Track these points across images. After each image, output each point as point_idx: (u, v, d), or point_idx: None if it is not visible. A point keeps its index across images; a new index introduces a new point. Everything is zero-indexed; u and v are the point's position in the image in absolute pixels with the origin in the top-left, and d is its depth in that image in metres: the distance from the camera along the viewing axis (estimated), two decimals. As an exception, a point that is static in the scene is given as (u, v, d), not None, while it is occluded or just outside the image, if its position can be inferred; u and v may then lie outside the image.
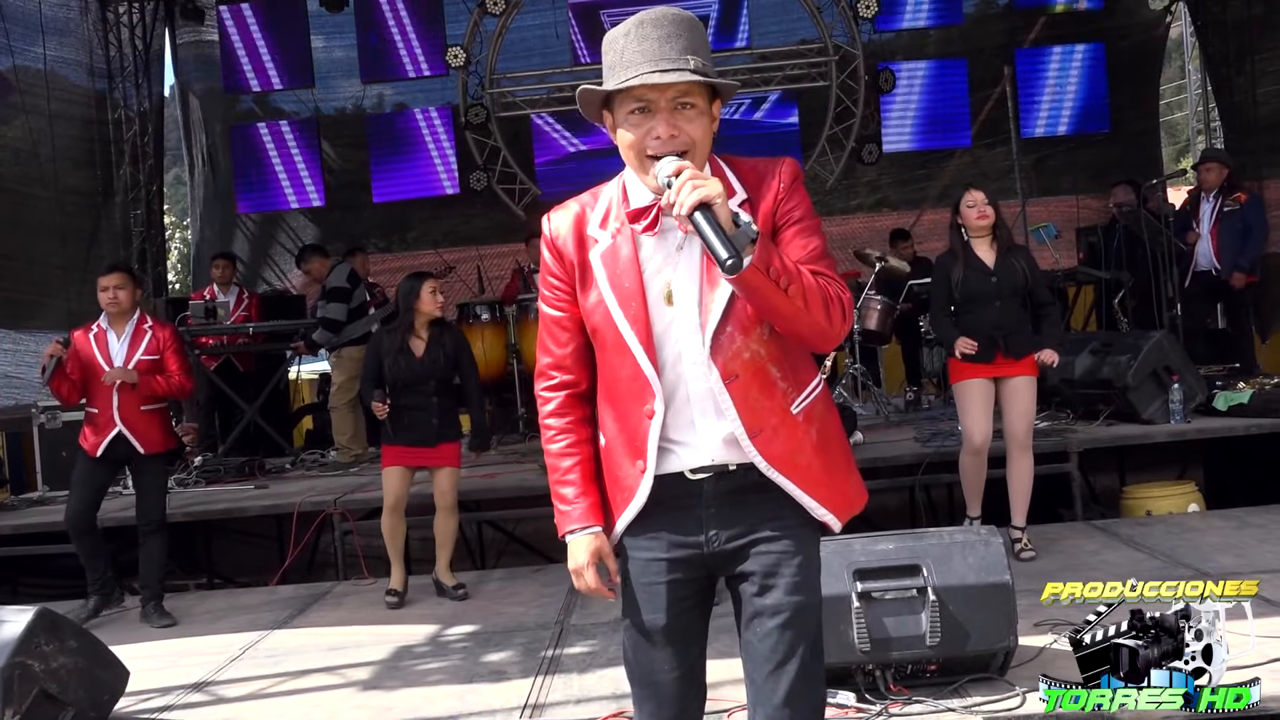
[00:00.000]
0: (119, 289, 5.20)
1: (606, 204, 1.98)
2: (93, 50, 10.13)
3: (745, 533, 1.93)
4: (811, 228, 1.94)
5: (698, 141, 1.86)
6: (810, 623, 1.95)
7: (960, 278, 4.98)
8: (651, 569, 1.96)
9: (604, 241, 1.95)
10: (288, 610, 5.31)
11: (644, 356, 1.89)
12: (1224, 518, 5.63)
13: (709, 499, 1.93)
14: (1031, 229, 8.98)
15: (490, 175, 11.10)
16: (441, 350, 5.13)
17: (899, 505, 6.57)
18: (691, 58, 1.83)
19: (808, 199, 1.97)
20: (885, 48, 11.32)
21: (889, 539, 3.47)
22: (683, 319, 1.89)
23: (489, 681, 3.93)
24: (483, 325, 8.31)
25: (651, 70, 1.81)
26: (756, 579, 1.93)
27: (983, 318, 4.92)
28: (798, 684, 1.91)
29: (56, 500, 7.17)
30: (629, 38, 1.85)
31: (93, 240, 9.80)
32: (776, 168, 1.96)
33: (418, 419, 5.11)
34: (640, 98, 1.84)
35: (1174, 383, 6.18)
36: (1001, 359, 4.91)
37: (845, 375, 8.19)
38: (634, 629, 1.99)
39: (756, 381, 1.89)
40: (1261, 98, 9.74)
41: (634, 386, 1.91)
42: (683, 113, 1.85)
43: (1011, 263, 4.94)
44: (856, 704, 3.28)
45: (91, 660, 3.64)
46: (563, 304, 2.01)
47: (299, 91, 11.41)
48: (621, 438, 1.95)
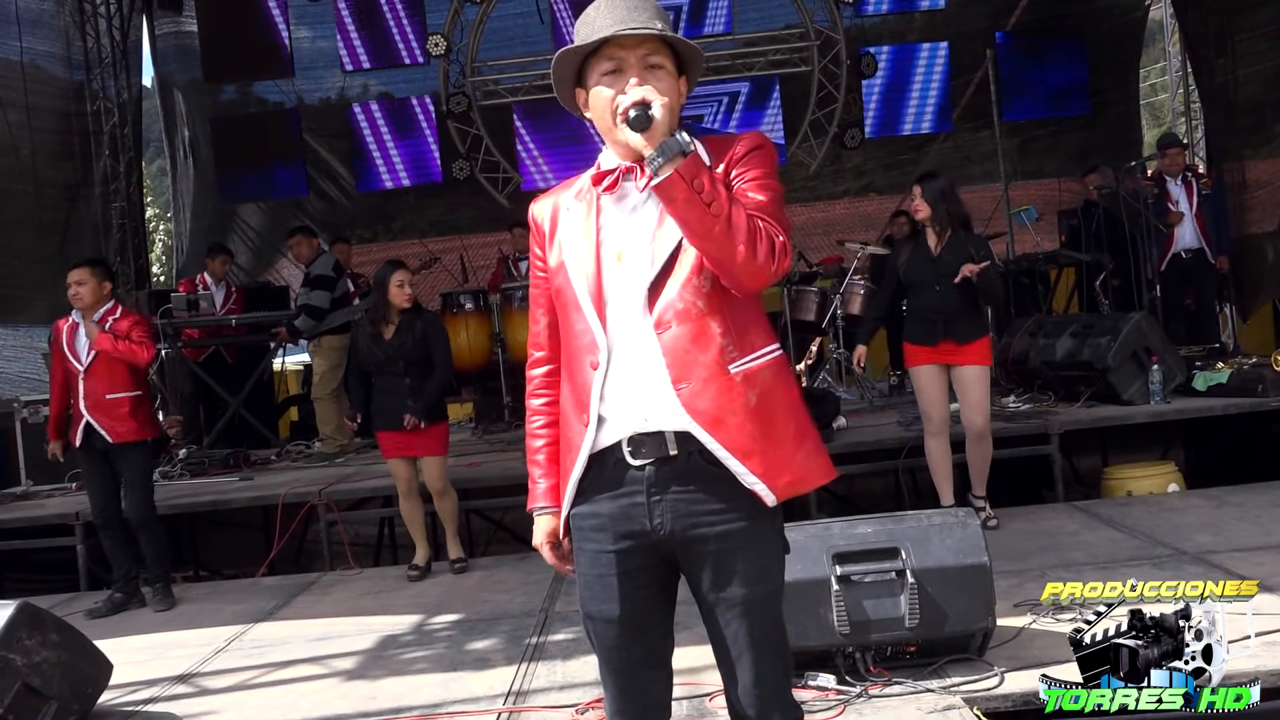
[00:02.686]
0: (80, 284, 5.20)
1: (583, 180, 2.06)
2: (70, 42, 10.04)
3: (694, 524, 1.92)
4: (763, 185, 1.94)
5: (667, 96, 1.88)
6: (769, 608, 1.96)
7: (904, 261, 5.20)
8: (601, 561, 1.97)
9: (575, 210, 2.03)
10: (273, 601, 5.32)
11: (592, 311, 1.94)
12: (1203, 497, 5.67)
13: (653, 485, 1.92)
14: (1012, 212, 9.02)
15: (473, 164, 11.08)
16: (410, 334, 5.23)
17: (884, 489, 6.60)
18: (659, 23, 1.92)
19: (767, 166, 1.97)
20: (867, 32, 11.33)
21: (867, 522, 3.49)
22: (630, 275, 1.93)
23: (473, 669, 3.95)
24: (467, 314, 8.31)
25: (622, 28, 1.89)
26: (710, 573, 1.93)
27: (924, 301, 5.11)
28: (762, 668, 1.95)
29: (40, 495, 7.17)
30: (599, 9, 1.94)
31: (65, 233, 9.73)
32: (737, 138, 2.01)
33: (392, 402, 5.24)
34: (611, 56, 1.91)
35: (1154, 364, 6.23)
36: (944, 344, 5.03)
37: (829, 360, 8.22)
38: (591, 618, 2.01)
39: (691, 332, 1.89)
40: (1242, 79, 9.77)
41: (584, 342, 1.96)
42: (652, 73, 1.92)
43: (957, 249, 5.04)
44: (837, 686, 3.30)
45: (74, 654, 3.64)
46: (540, 282, 2.10)
47: (280, 82, 11.36)
48: (572, 398, 1.99)
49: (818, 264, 9.20)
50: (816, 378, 7.97)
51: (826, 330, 7.88)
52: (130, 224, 10.23)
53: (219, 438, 8.35)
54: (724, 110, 11.16)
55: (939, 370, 5.10)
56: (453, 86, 11.11)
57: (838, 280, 8.23)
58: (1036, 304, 8.75)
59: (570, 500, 2.00)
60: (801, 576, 3.30)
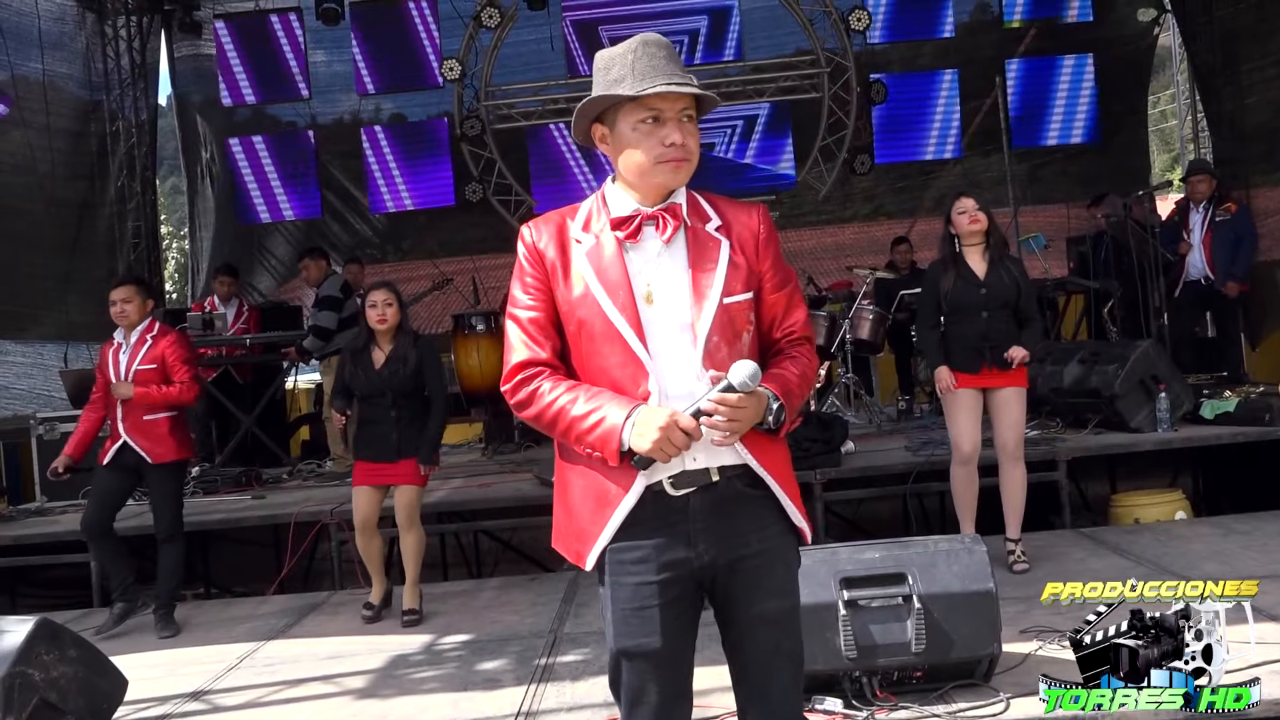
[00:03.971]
0: (126, 302, 5.22)
1: (587, 212, 2.09)
2: (90, 63, 10.20)
3: (733, 544, 1.99)
4: (794, 291, 2.11)
5: (696, 154, 2.03)
6: (795, 625, 2.05)
7: (950, 287, 4.92)
8: (644, 593, 1.97)
9: (587, 242, 2.05)
10: (284, 620, 5.35)
11: (636, 341, 1.97)
12: (1210, 525, 5.68)
13: (695, 514, 1.98)
14: (1021, 239, 9.06)
15: (486, 187, 11.18)
16: (403, 363, 4.83)
17: (891, 514, 6.61)
18: (691, 77, 2.00)
19: (779, 248, 2.13)
20: (877, 58, 11.43)
21: (875, 547, 3.52)
22: (664, 319, 1.97)
23: (483, 689, 3.97)
24: (478, 336, 8.36)
25: (668, 81, 1.95)
26: (744, 588, 2.00)
27: (970, 328, 4.87)
28: (789, 683, 2.02)
29: (54, 511, 7.23)
30: (636, 54, 1.98)
31: (73, 250, 9.83)
32: (754, 210, 2.11)
33: (376, 433, 4.89)
34: (653, 107, 1.98)
35: (1161, 391, 6.24)
36: (987, 371, 4.86)
37: (838, 384, 8.25)
38: (625, 653, 1.99)
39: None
40: (1250, 107, 9.82)
41: (626, 372, 1.97)
42: (685, 125, 2.00)
43: (1002, 274, 4.88)
44: (844, 710, 3.33)
45: (91, 669, 3.68)
46: (542, 304, 2.06)
47: (296, 104, 11.50)
48: None
49: (827, 289, 9.25)
50: (825, 402, 8.00)
51: (835, 355, 7.92)
52: (145, 242, 10.35)
53: (231, 456, 8.41)
54: (736, 137, 11.25)
55: (977, 396, 4.92)
56: (466, 110, 11.23)
57: (847, 305, 8.28)
58: (1045, 331, 8.76)
59: (609, 536, 1.99)
60: (809, 600, 3.29)
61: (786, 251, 2.29)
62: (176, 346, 5.32)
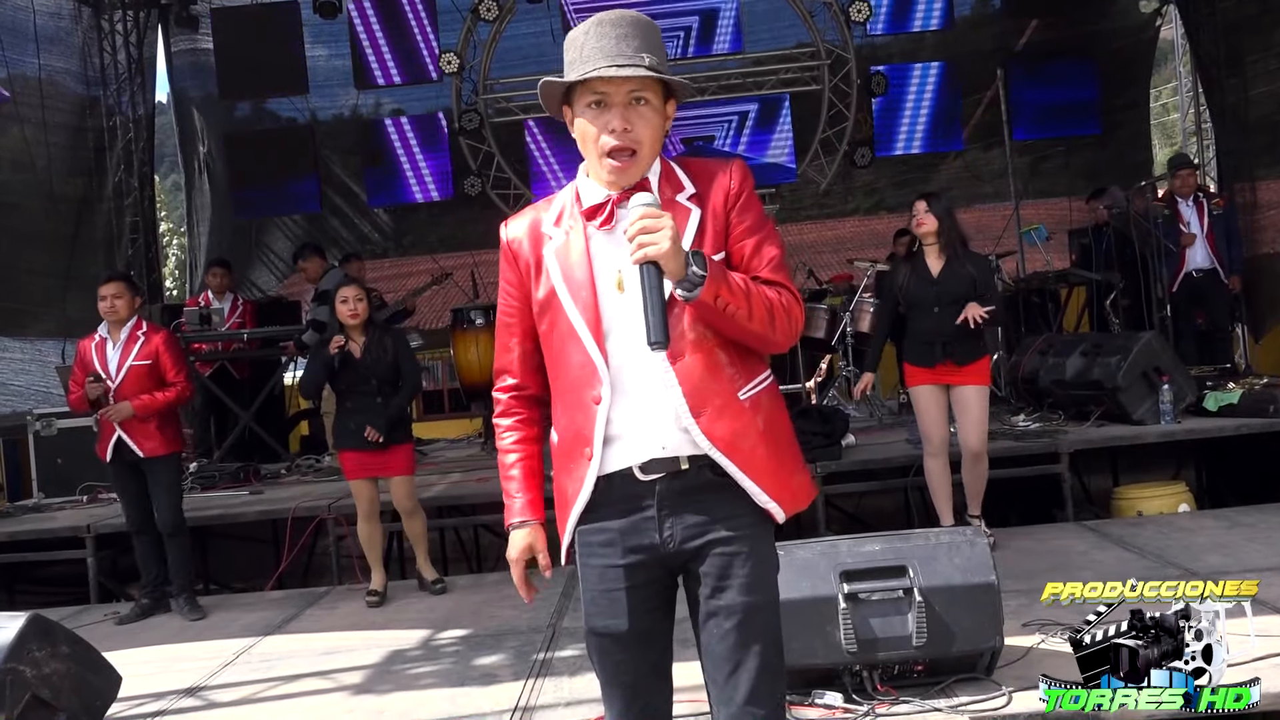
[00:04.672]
0: (116, 298, 5.25)
1: (560, 205, 2.06)
2: (87, 58, 10.15)
3: (701, 533, 1.95)
4: (767, 236, 2.01)
5: (646, 141, 1.95)
6: (766, 621, 1.96)
7: (903, 283, 5.11)
8: (610, 575, 1.98)
9: (557, 238, 2.02)
10: (281, 615, 5.33)
11: (592, 343, 1.94)
12: (1214, 518, 5.65)
13: (663, 499, 1.95)
14: (1023, 231, 9.02)
15: (484, 180, 11.13)
16: (383, 352, 5.16)
17: (893, 507, 6.59)
18: (647, 56, 1.91)
19: (759, 202, 2.05)
20: (878, 51, 11.38)
21: (875, 540, 3.48)
22: (634, 305, 1.92)
23: (480, 685, 3.95)
24: (477, 330, 8.31)
25: (608, 65, 1.89)
26: (710, 579, 1.95)
27: (924, 324, 5.04)
28: (758, 682, 1.93)
29: (51, 507, 7.21)
30: (588, 35, 1.93)
31: (72, 247, 9.80)
32: (727, 166, 2.03)
33: (364, 421, 5.11)
34: (597, 91, 1.92)
35: (1164, 383, 6.21)
36: (943, 366, 4.98)
37: (839, 378, 8.21)
38: (597, 633, 2.01)
39: (702, 362, 1.94)
40: (1254, 99, 9.77)
41: (583, 374, 1.96)
42: (637, 108, 1.93)
43: (957, 270, 4.98)
44: (844, 704, 3.30)
45: (84, 666, 3.65)
46: (513, 309, 2.08)
47: (294, 98, 11.44)
48: (571, 429, 2.00)
49: (827, 282, 9.21)
50: (826, 395, 7.97)
51: (836, 348, 7.88)
52: (144, 238, 10.32)
53: (229, 451, 8.38)
54: (734, 130, 11.20)
55: (939, 391, 5.07)
56: (465, 104, 11.18)
57: (847, 298, 8.24)
58: (1047, 323, 8.73)
59: (575, 519, 2.02)
60: (809, 594, 3.30)
61: (788, 245, 2.24)
62: (170, 345, 5.36)
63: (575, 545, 2.04)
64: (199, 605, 5.43)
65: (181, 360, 5.43)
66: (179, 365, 5.34)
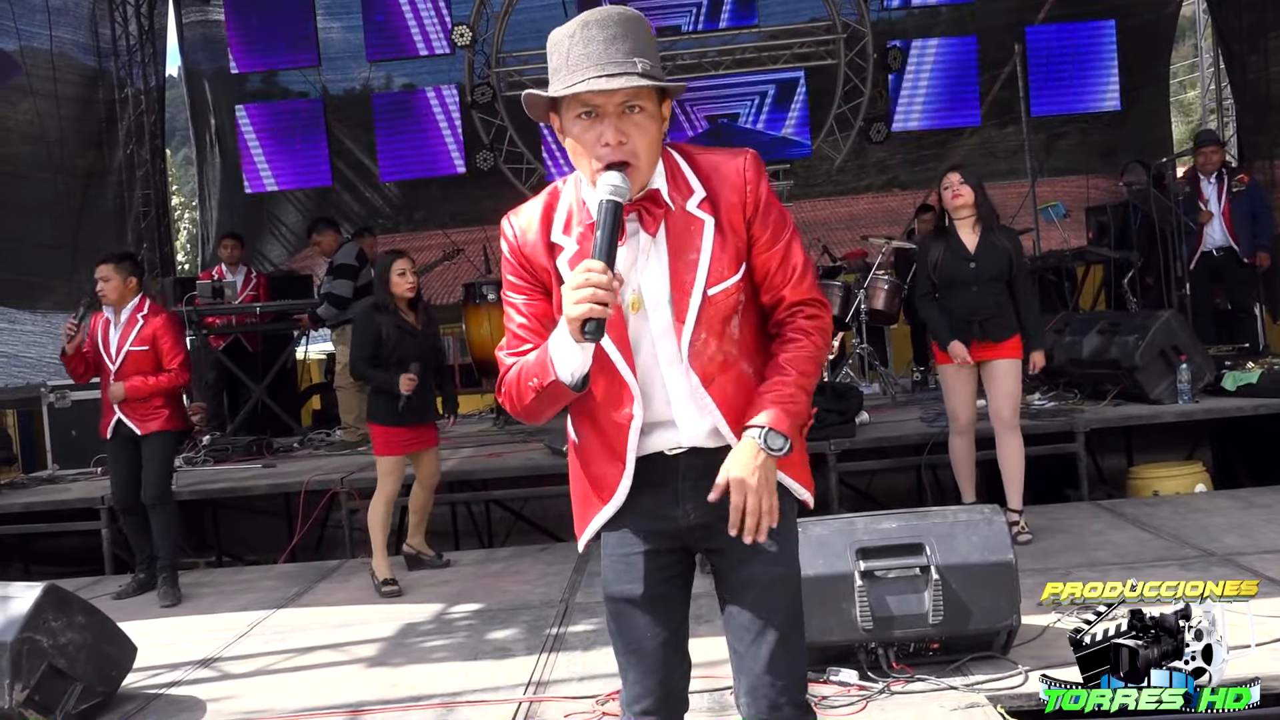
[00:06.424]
0: (105, 280, 5.23)
1: (567, 209, 1.94)
2: (97, 30, 10.11)
3: (721, 505, 1.90)
4: (790, 242, 1.94)
5: (643, 151, 1.82)
6: (789, 592, 1.96)
7: (938, 260, 4.96)
8: (627, 539, 1.97)
9: (569, 248, 1.91)
10: (295, 588, 5.34)
11: (623, 362, 1.88)
12: (1231, 498, 5.61)
13: (686, 473, 1.94)
14: (1040, 208, 8.94)
15: (497, 155, 11.09)
16: (431, 324, 5.22)
17: (907, 486, 6.56)
18: (639, 60, 1.78)
19: (776, 200, 1.95)
20: (894, 25, 11.27)
21: (892, 518, 3.46)
22: (653, 322, 1.87)
23: (493, 658, 3.95)
24: (489, 305, 8.29)
25: (598, 75, 1.76)
26: (734, 551, 1.93)
27: (960, 302, 4.90)
28: (779, 652, 1.92)
29: (66, 478, 7.24)
30: (574, 40, 1.80)
31: (79, 220, 9.79)
32: (739, 162, 1.92)
33: (420, 398, 5.08)
34: (587, 102, 1.80)
35: (1182, 363, 6.15)
36: (978, 344, 4.90)
37: (852, 355, 8.18)
38: (614, 599, 2.00)
39: (732, 380, 1.91)
40: (1275, 76, 9.64)
41: (611, 392, 1.90)
42: (631, 117, 1.81)
43: (993, 246, 4.88)
44: (859, 682, 3.28)
45: (99, 636, 3.67)
46: (530, 307, 1.94)
47: (306, 72, 11.40)
48: (598, 440, 1.95)
49: (842, 258, 9.15)
50: (839, 372, 7.93)
51: (850, 325, 7.84)
52: (155, 212, 10.30)
53: (242, 425, 8.40)
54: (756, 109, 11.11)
55: (970, 370, 4.98)
56: (478, 78, 11.11)
57: (861, 275, 8.19)
58: (1063, 301, 8.66)
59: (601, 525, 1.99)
60: (825, 571, 3.28)
61: (800, 222, 2.18)
62: (168, 329, 5.30)
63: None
64: (177, 588, 5.26)
65: (179, 346, 5.33)
66: (175, 351, 5.27)
